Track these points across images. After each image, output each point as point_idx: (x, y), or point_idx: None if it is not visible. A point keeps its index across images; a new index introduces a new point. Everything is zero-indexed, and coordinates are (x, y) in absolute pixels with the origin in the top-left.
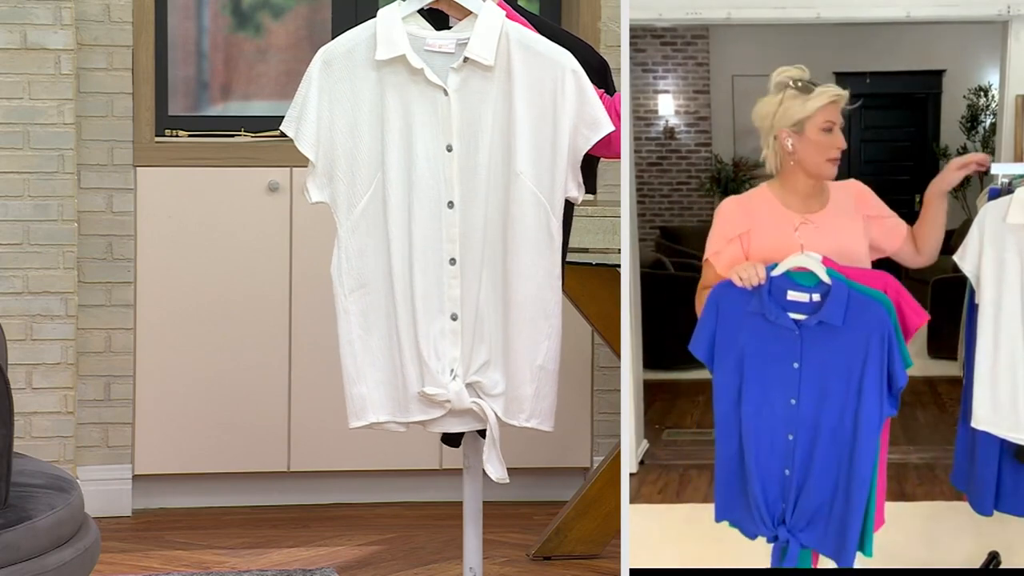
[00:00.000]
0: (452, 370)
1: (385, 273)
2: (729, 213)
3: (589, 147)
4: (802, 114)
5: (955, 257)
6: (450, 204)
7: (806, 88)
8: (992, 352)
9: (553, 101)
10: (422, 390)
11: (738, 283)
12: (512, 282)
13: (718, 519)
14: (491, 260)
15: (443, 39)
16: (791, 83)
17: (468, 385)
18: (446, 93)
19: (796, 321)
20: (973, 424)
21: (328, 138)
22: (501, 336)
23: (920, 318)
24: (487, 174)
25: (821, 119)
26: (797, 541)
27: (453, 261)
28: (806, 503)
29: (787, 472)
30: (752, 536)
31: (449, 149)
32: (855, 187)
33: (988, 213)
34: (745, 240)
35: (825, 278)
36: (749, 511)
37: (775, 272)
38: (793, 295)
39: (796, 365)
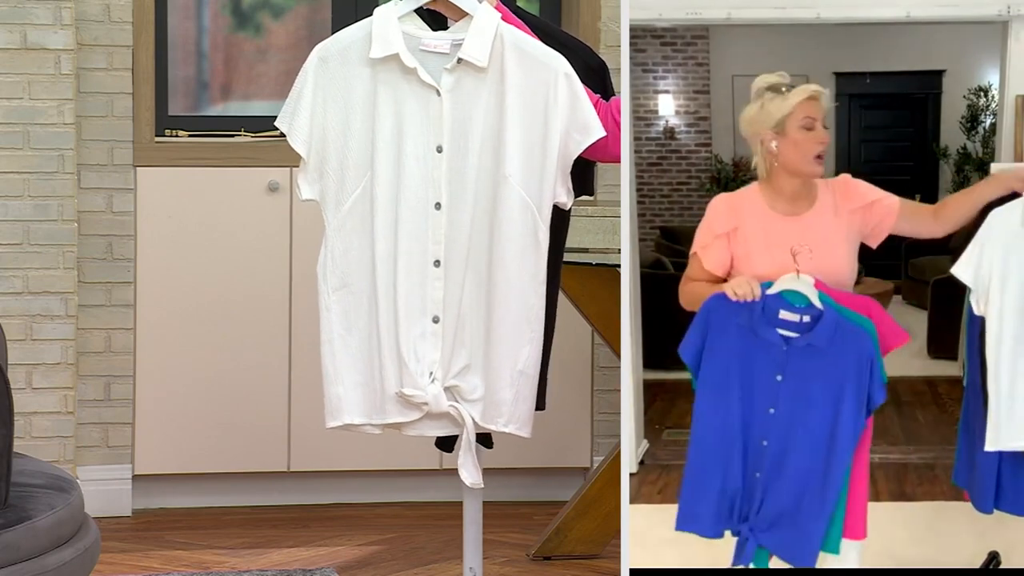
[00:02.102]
0: (431, 373)
1: (368, 272)
2: (717, 210)
3: (580, 151)
4: (781, 113)
5: (957, 269)
6: (437, 205)
7: (783, 89)
8: (1012, 365)
9: (544, 105)
10: (400, 391)
11: (733, 298)
12: (497, 285)
13: (679, 528)
14: (476, 263)
15: (438, 39)
16: (768, 87)
17: (446, 389)
18: (439, 93)
19: (784, 338)
20: (990, 447)
21: (320, 135)
22: (483, 340)
23: (900, 339)
24: (476, 176)
25: (800, 116)
26: (755, 540)
27: (438, 263)
28: (771, 506)
29: (757, 475)
30: (715, 535)
31: (439, 150)
32: (839, 183)
33: (995, 220)
34: (732, 237)
35: (817, 303)
36: (715, 507)
37: (770, 291)
38: (785, 314)
39: (779, 378)
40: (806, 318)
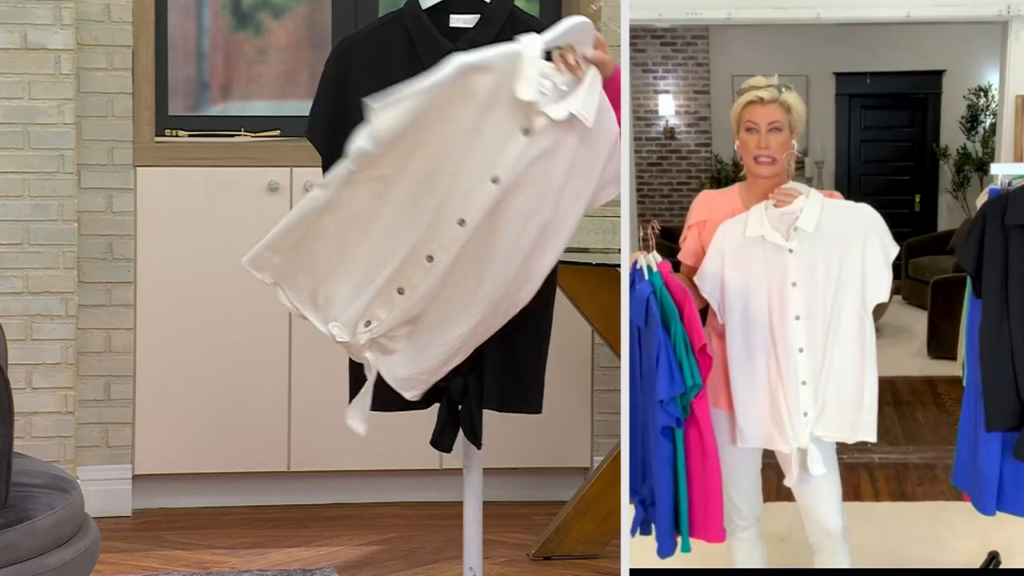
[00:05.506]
0: (368, 322)
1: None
2: (696, 203)
3: (601, 203)
4: (733, 114)
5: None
6: (461, 222)
7: (746, 91)
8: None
9: (597, 168)
10: (328, 327)
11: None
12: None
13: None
14: (469, 261)
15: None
16: (744, 87)
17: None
18: (526, 134)
19: None
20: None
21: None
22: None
23: None
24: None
25: (744, 119)
26: None
27: (430, 258)
28: None
29: None
30: None
31: (495, 182)
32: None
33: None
34: (701, 229)
35: None
36: None
37: None
38: None
39: None
40: None
